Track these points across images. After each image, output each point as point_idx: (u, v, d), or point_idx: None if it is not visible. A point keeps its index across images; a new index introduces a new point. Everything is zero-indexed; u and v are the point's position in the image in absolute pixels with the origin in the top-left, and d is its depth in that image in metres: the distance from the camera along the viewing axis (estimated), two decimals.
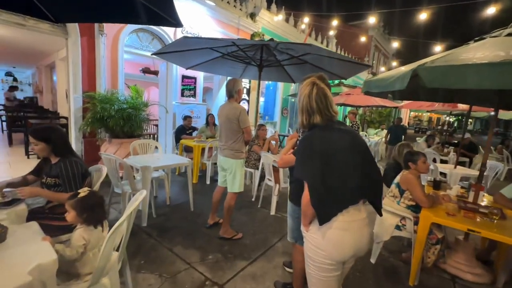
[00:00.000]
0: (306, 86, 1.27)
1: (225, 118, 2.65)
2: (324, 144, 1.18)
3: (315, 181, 1.14)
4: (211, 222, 2.97)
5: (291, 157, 1.73)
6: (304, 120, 1.25)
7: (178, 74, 6.05)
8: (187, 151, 5.01)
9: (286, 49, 4.33)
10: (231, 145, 2.67)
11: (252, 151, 4.13)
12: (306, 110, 1.24)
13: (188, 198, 3.40)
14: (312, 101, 1.22)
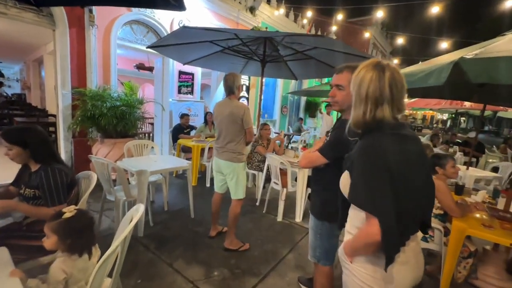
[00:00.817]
0: (369, 69, 0.92)
1: (228, 118, 2.37)
2: (400, 158, 0.87)
3: (390, 218, 0.84)
4: (213, 233, 2.70)
5: (317, 155, 1.48)
6: (368, 112, 0.90)
7: (175, 70, 5.74)
8: (185, 151, 4.72)
9: (292, 43, 4.07)
10: (233, 147, 2.41)
11: (256, 152, 3.86)
12: (373, 99, 0.90)
13: (187, 203, 3.13)
14: (384, 87, 0.89)
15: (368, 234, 0.87)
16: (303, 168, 3.07)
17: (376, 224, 0.84)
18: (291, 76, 5.47)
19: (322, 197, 1.53)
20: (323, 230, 1.53)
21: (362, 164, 0.89)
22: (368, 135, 0.94)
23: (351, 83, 0.99)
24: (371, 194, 0.86)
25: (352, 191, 0.92)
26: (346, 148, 1.30)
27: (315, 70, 4.90)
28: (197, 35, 3.69)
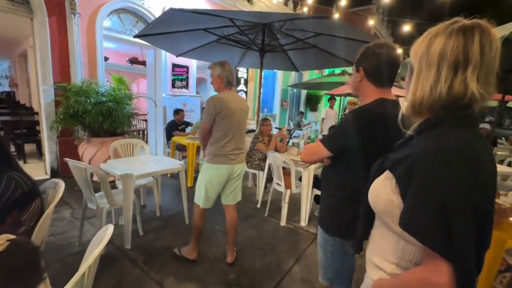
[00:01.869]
0: (452, 33, 0.60)
1: (242, 113, 2.04)
2: (492, 172, 0.60)
3: (470, 264, 0.55)
4: (230, 259, 2.20)
5: (317, 145, 1.17)
6: (443, 81, 0.59)
7: (168, 63, 5.39)
8: (179, 149, 4.42)
9: (293, 30, 3.72)
10: (243, 148, 2.16)
11: (256, 150, 3.56)
12: (453, 65, 0.58)
13: (182, 207, 2.84)
14: (475, 52, 0.57)
15: (430, 285, 0.57)
16: (304, 162, 2.77)
17: (448, 272, 0.55)
18: (292, 68, 5.14)
19: (328, 205, 1.24)
20: (335, 248, 1.23)
21: (436, 179, 0.56)
22: (440, 130, 0.61)
23: (412, 51, 0.68)
24: (448, 229, 0.54)
25: (410, 215, 0.60)
26: (354, 138, 1.07)
27: (317, 60, 4.58)
28: (188, 21, 3.34)
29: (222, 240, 2.53)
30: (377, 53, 1.09)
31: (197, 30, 3.70)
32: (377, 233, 0.77)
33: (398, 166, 0.65)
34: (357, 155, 1.10)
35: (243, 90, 7.02)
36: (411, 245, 0.66)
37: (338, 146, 1.15)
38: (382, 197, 0.69)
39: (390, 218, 0.68)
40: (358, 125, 1.09)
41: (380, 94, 1.12)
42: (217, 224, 2.83)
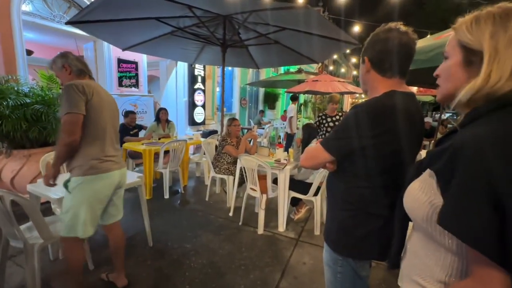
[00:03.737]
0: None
1: (114, 107, 1.68)
2: None
3: None
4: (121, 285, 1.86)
5: (317, 148, 0.98)
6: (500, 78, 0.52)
7: (112, 57, 4.67)
8: (133, 157, 3.84)
9: (256, 23, 3.52)
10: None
11: (224, 153, 3.26)
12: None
13: (143, 226, 2.39)
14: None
15: None
16: (304, 167, 2.60)
17: (500, 281, 0.45)
18: (253, 65, 4.94)
19: (337, 220, 1.04)
20: (346, 269, 1.04)
21: (487, 168, 0.47)
22: (493, 118, 0.52)
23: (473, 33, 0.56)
24: (499, 227, 0.44)
25: (452, 210, 0.50)
26: (360, 138, 0.89)
27: (278, 57, 4.47)
28: (137, 7, 2.86)
29: (196, 262, 2.19)
30: (383, 39, 0.93)
31: (148, 19, 3.22)
32: (416, 245, 0.66)
33: (437, 160, 0.56)
34: (366, 158, 0.92)
35: (200, 88, 6.57)
36: (461, 258, 0.55)
37: (341, 149, 0.96)
38: (421, 200, 0.58)
39: (431, 224, 0.57)
40: (364, 122, 0.91)
41: (390, 86, 0.95)
42: (188, 242, 2.47)
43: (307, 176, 2.80)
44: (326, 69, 15.67)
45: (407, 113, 0.88)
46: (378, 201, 0.95)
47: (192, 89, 6.38)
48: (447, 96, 0.63)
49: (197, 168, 4.62)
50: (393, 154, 0.89)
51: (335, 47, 3.74)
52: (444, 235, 0.56)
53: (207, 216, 3.07)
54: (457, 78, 0.59)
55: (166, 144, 3.37)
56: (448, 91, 0.62)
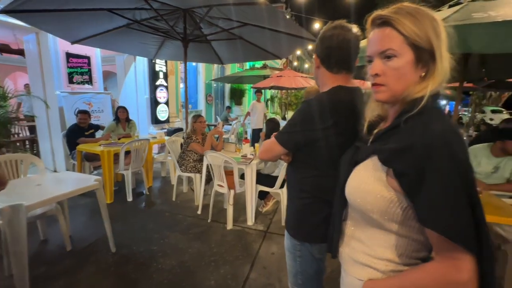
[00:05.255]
0: (436, 15, 0.60)
1: None
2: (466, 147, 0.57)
3: (492, 254, 0.53)
4: None
5: (271, 142, 1.04)
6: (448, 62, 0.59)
7: (59, 51, 4.24)
8: (89, 159, 3.57)
9: (217, 18, 3.48)
10: None
11: (190, 151, 3.20)
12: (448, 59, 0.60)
13: (103, 231, 2.25)
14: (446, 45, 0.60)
15: (448, 283, 0.53)
16: (263, 160, 2.64)
17: (470, 268, 0.51)
18: (217, 60, 4.88)
19: (294, 208, 1.12)
20: (304, 253, 1.12)
21: (457, 168, 0.51)
22: (431, 115, 0.57)
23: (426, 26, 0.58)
24: (472, 219, 0.51)
25: (433, 211, 0.53)
26: (308, 131, 0.95)
27: (243, 52, 4.47)
28: None
29: (164, 263, 2.14)
30: (329, 36, 0.98)
31: (99, 10, 2.99)
32: (357, 231, 0.71)
33: (396, 159, 0.57)
34: (316, 150, 0.99)
35: (162, 85, 6.30)
36: (410, 240, 0.62)
37: (292, 142, 1.02)
38: (372, 194, 0.62)
39: (384, 216, 0.61)
40: (310, 116, 0.98)
41: (337, 81, 1.02)
42: (155, 244, 2.40)
43: (272, 170, 2.88)
44: (291, 65, 16.07)
45: (352, 107, 0.96)
46: (330, 189, 1.03)
47: (153, 85, 6.08)
48: (397, 95, 0.61)
49: (163, 168, 4.46)
50: (340, 146, 0.96)
51: (296, 43, 3.87)
52: (393, 223, 0.60)
53: (175, 216, 3.00)
54: (409, 77, 0.59)
55: (127, 144, 3.19)
56: (399, 91, 0.61)
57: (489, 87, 5.03)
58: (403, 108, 0.61)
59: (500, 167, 2.40)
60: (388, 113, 0.69)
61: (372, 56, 0.63)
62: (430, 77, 0.59)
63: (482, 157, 2.49)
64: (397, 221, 0.60)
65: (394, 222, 0.61)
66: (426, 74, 0.59)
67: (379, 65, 0.62)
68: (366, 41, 0.68)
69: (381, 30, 0.61)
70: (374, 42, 0.63)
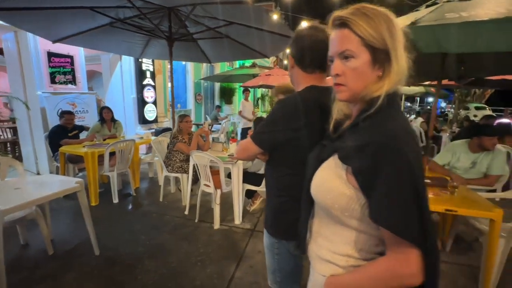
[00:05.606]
0: (392, 16, 0.61)
1: None
2: (418, 150, 0.59)
3: (436, 247, 0.56)
4: None
5: (248, 142, 1.05)
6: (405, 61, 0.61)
7: (40, 50, 4.12)
8: (73, 161, 3.50)
9: (203, 17, 3.45)
10: None
11: (176, 151, 3.17)
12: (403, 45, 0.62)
13: (86, 234, 2.21)
14: (403, 45, 0.62)
15: (397, 276, 0.56)
16: (239, 160, 2.65)
17: (417, 261, 0.54)
18: (204, 59, 4.86)
19: (272, 206, 1.13)
20: (281, 250, 1.14)
21: (408, 167, 0.54)
22: (387, 114, 0.60)
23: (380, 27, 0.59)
24: (419, 215, 0.53)
25: (384, 208, 0.55)
26: (282, 131, 0.97)
27: (230, 51, 4.46)
28: None
29: (149, 264, 2.12)
30: (301, 37, 1.00)
31: (80, 9, 2.92)
32: (322, 227, 0.72)
33: (354, 157, 0.59)
34: (289, 149, 1.01)
35: (150, 84, 6.21)
36: (369, 236, 0.64)
37: (266, 141, 1.03)
38: (334, 190, 0.63)
39: (345, 213, 0.63)
40: (284, 116, 0.99)
41: (311, 80, 1.04)
42: (141, 246, 2.37)
43: (259, 168, 2.89)
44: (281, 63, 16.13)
45: (324, 106, 0.98)
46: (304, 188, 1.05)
47: (140, 85, 5.98)
48: (356, 95, 0.63)
49: (150, 169, 4.41)
50: (313, 145, 0.98)
51: (283, 42, 3.88)
52: (353, 219, 0.62)
53: (162, 217, 2.98)
54: (367, 77, 0.61)
55: (111, 145, 3.14)
56: (358, 90, 0.62)
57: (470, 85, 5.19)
58: (363, 107, 0.63)
59: (477, 162, 2.49)
60: (352, 112, 0.71)
61: (333, 57, 0.65)
62: (387, 77, 0.60)
63: (461, 153, 2.58)
64: (357, 217, 0.62)
65: (353, 219, 0.63)
66: (383, 74, 0.60)
67: (339, 65, 0.63)
68: None
69: (339, 31, 0.62)
70: (333, 43, 0.64)
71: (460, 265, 2.19)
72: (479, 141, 2.40)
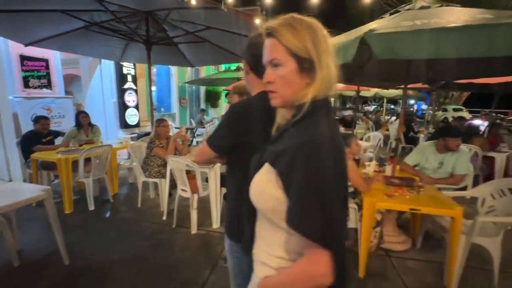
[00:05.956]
0: (316, 27, 0.65)
1: None
2: (338, 157, 0.61)
3: (343, 249, 0.60)
4: None
5: (204, 146, 1.06)
6: (332, 70, 0.63)
7: (12, 54, 3.99)
8: (47, 168, 3.39)
9: (181, 21, 3.45)
10: None
11: (154, 156, 3.14)
12: (331, 54, 0.64)
13: (56, 244, 2.14)
14: (329, 54, 0.63)
15: (311, 277, 0.58)
16: (199, 164, 2.64)
17: (328, 261, 0.56)
18: (186, 63, 4.84)
19: (229, 209, 1.15)
20: (240, 253, 1.16)
21: (315, 172, 0.56)
22: (314, 120, 0.62)
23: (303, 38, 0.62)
24: (327, 219, 0.56)
25: (295, 212, 0.58)
26: (234, 135, 0.99)
27: (212, 55, 4.46)
28: None
29: (121, 273, 2.08)
30: (254, 44, 1.00)
31: (51, 12, 2.86)
32: (261, 230, 0.74)
33: (279, 160, 0.62)
34: (242, 153, 1.03)
35: (131, 88, 6.12)
36: (299, 238, 0.64)
37: (220, 145, 1.05)
38: (266, 193, 0.65)
39: (276, 215, 0.65)
40: (235, 120, 1.02)
41: (263, 86, 1.06)
42: (115, 253, 2.32)
43: None
44: None
45: (273, 112, 1.01)
46: None
47: (121, 89, 5.89)
48: (287, 101, 0.66)
49: (130, 174, 4.33)
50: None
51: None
52: (283, 221, 0.63)
53: (139, 223, 2.93)
54: (295, 84, 0.63)
55: (85, 151, 3.06)
56: (288, 97, 0.65)
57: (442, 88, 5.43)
58: (294, 113, 0.66)
59: (444, 162, 2.61)
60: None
61: (266, 65, 0.67)
62: (312, 84, 0.62)
63: (429, 154, 2.69)
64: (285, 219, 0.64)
65: (283, 221, 0.64)
66: (310, 81, 0.63)
67: (270, 73, 0.66)
68: None
69: (269, 40, 0.65)
70: (265, 52, 0.67)
71: (428, 262, 2.27)
72: (444, 142, 2.52)
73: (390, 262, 2.27)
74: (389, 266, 2.22)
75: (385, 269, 2.18)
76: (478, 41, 1.21)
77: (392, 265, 2.23)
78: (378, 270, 2.17)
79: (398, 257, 2.34)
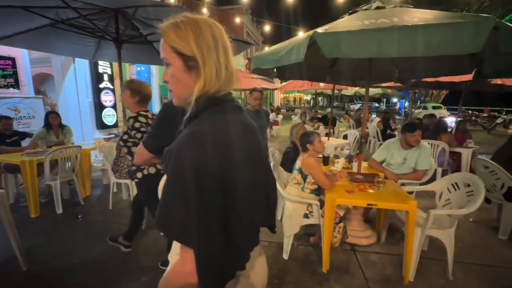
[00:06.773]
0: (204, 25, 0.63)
1: None
2: (223, 153, 0.58)
3: (213, 241, 0.55)
4: None
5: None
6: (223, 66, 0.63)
7: None
8: (12, 171, 3.26)
9: (151, 19, 3.39)
10: None
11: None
12: (223, 46, 0.65)
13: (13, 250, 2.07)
14: (218, 51, 0.63)
15: (178, 276, 0.59)
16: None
17: (191, 258, 0.55)
18: (162, 62, 4.74)
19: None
20: None
21: (180, 166, 0.55)
22: (200, 119, 0.62)
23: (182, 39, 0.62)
24: (189, 216, 0.54)
25: (159, 212, 0.57)
26: (166, 135, 0.97)
27: None
28: None
29: (81, 277, 2.03)
30: None
31: (11, 8, 2.74)
32: None
33: (164, 162, 0.61)
34: None
35: (108, 87, 5.96)
36: None
37: (153, 145, 1.05)
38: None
39: None
40: (164, 121, 1.02)
41: None
42: (78, 257, 2.26)
43: None
44: None
45: None
46: None
47: (97, 88, 5.73)
48: (183, 99, 0.66)
49: (104, 175, 4.22)
50: None
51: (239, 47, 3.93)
52: None
53: (109, 225, 2.87)
54: (185, 82, 0.63)
55: (50, 152, 2.96)
56: (182, 94, 0.65)
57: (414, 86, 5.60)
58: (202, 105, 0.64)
59: (407, 158, 2.70)
60: None
61: None
62: (197, 82, 0.62)
63: (394, 150, 2.77)
64: None
65: None
66: (197, 79, 0.63)
67: (165, 72, 0.67)
68: None
69: (161, 40, 0.65)
70: None
71: (390, 255, 2.34)
72: (404, 138, 2.61)
73: (355, 256, 2.32)
74: (353, 260, 2.27)
75: (348, 263, 2.24)
76: (415, 40, 1.25)
77: (356, 259, 2.29)
78: (342, 264, 2.22)
79: (362, 251, 2.40)
